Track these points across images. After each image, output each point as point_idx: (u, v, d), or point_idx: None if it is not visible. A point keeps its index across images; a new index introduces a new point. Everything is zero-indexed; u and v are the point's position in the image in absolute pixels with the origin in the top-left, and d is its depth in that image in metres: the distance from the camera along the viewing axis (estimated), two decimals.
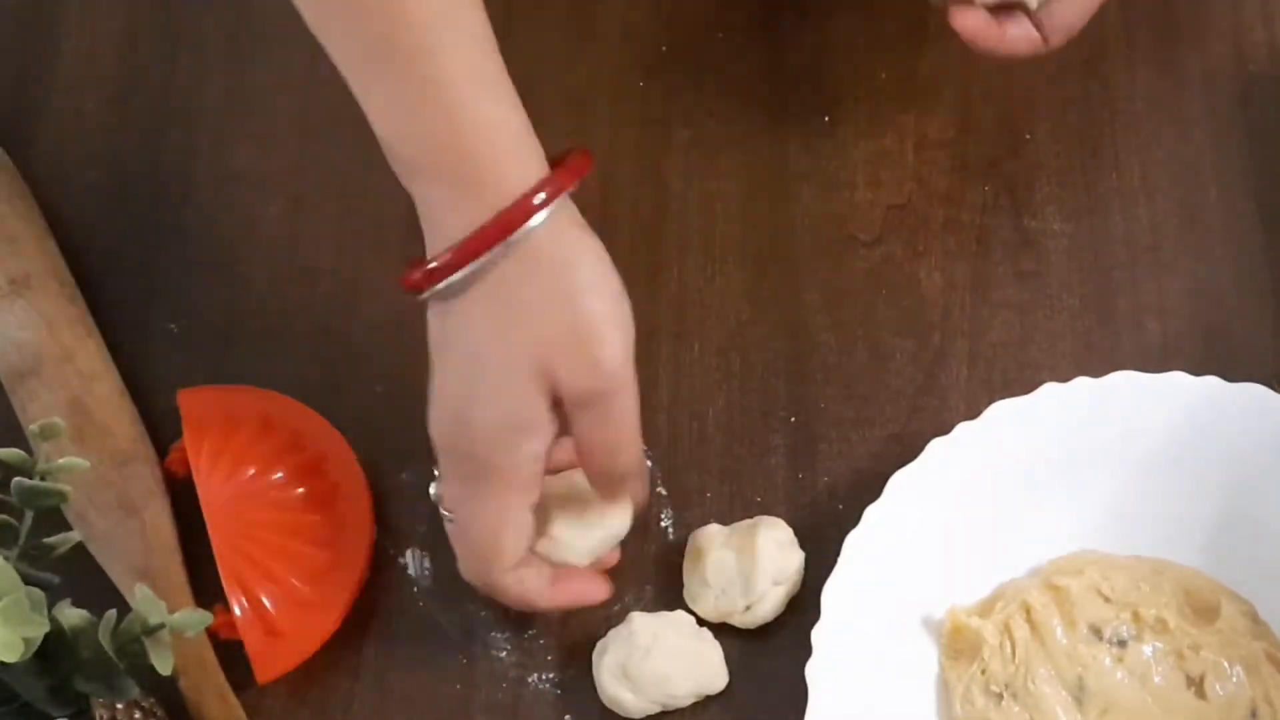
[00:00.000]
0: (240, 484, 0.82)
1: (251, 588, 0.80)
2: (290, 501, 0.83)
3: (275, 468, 0.83)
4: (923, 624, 0.80)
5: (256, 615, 0.80)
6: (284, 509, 0.82)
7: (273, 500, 0.82)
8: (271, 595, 0.80)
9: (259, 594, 0.80)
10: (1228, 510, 0.81)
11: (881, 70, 0.94)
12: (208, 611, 0.72)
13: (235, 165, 0.94)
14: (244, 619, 0.79)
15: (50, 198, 0.93)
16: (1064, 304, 0.88)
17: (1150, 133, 0.92)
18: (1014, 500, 0.81)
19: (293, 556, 0.81)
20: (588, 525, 0.78)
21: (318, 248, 0.92)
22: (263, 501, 0.82)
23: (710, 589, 0.81)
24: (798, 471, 0.85)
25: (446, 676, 0.82)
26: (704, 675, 0.80)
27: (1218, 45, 0.93)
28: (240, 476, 0.82)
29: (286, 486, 0.83)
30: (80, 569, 0.78)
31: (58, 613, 0.69)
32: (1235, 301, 0.87)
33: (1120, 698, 0.78)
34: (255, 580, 0.80)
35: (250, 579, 0.80)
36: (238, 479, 0.82)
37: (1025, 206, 0.90)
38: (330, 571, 0.82)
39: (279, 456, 0.83)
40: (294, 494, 0.83)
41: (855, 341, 0.88)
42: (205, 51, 0.98)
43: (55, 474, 0.72)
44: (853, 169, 0.92)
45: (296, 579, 0.81)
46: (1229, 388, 0.80)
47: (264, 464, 0.83)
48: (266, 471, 0.83)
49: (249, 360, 0.89)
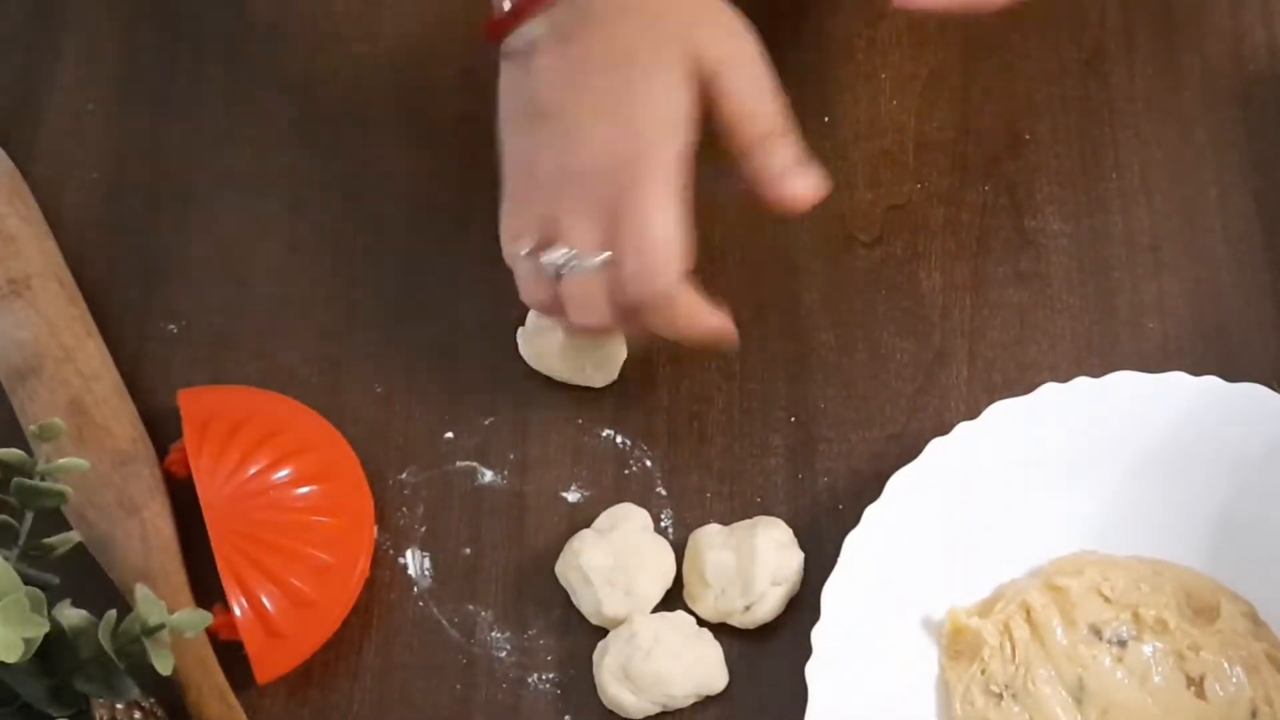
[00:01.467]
0: (240, 484, 0.82)
1: (251, 588, 0.80)
2: (291, 501, 0.82)
3: (276, 468, 0.83)
4: (923, 624, 0.80)
5: (257, 615, 0.79)
6: (284, 509, 0.82)
7: (273, 500, 0.82)
8: (272, 595, 0.80)
9: (259, 594, 0.80)
10: (1228, 510, 0.81)
11: (881, 70, 0.94)
12: (207, 611, 0.72)
13: (235, 165, 0.94)
14: (244, 619, 0.79)
15: (50, 198, 0.93)
16: (1064, 304, 0.88)
17: (1150, 133, 0.92)
18: (1014, 500, 0.81)
19: (293, 556, 0.81)
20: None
21: (318, 247, 0.92)
22: (263, 501, 0.82)
23: (710, 589, 0.81)
24: (798, 471, 0.85)
25: (446, 676, 0.82)
26: (704, 675, 0.80)
27: (1218, 45, 0.93)
28: (240, 476, 0.82)
29: (287, 487, 0.83)
30: (80, 569, 0.78)
31: (58, 613, 0.69)
32: (1235, 301, 0.87)
33: (1120, 698, 0.78)
34: (255, 580, 0.80)
35: (250, 579, 0.80)
36: (238, 479, 0.82)
37: (1025, 206, 0.90)
38: (331, 571, 0.82)
39: (279, 456, 0.83)
40: (294, 494, 0.83)
41: (855, 341, 0.88)
42: (205, 51, 0.98)
43: (55, 474, 0.72)
44: (853, 169, 0.92)
45: (297, 579, 0.81)
46: (1229, 388, 0.80)
47: (264, 464, 0.83)
48: (267, 471, 0.82)
49: (249, 360, 0.89)
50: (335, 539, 0.82)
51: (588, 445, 0.86)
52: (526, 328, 0.87)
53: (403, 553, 0.85)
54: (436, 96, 0.95)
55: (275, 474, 0.83)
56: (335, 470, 0.84)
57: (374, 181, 0.94)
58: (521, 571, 0.84)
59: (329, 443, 0.85)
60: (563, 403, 0.87)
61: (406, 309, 0.91)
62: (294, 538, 0.82)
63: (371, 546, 0.83)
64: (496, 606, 0.83)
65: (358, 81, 0.96)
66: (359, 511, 0.83)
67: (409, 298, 0.91)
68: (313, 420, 0.85)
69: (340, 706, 0.82)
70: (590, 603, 0.81)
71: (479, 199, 0.92)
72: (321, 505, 0.83)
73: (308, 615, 0.81)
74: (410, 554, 0.85)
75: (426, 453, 0.87)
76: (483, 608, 0.83)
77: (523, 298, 0.81)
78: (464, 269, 0.91)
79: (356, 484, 0.84)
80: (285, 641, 0.80)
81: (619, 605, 0.81)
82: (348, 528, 0.83)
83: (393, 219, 0.93)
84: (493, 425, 0.87)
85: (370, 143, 0.95)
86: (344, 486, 0.84)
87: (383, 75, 0.96)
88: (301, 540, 0.82)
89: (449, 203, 0.93)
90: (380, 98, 0.96)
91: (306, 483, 0.83)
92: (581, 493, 0.85)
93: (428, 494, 0.86)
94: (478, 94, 0.95)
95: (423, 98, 0.95)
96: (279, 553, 0.81)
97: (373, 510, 0.84)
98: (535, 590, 0.83)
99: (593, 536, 0.82)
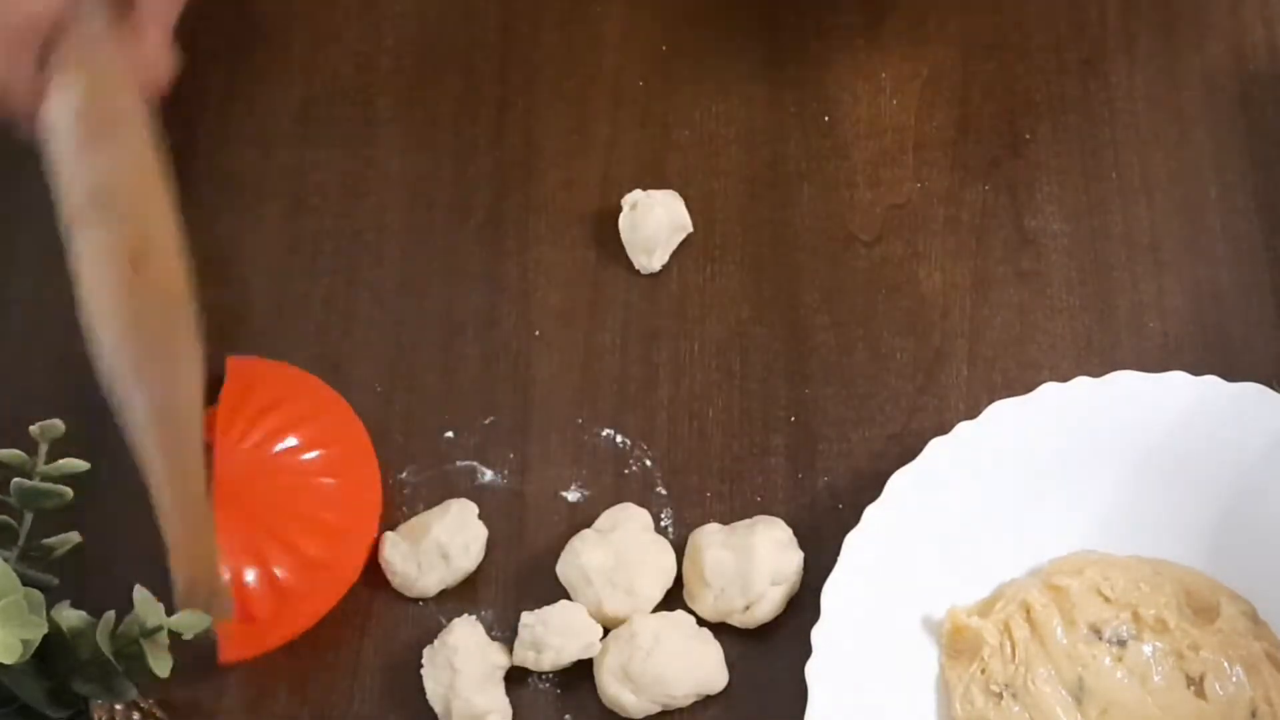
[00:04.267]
0: (255, 450, 0.83)
1: (263, 552, 0.81)
2: (299, 467, 0.83)
3: (284, 438, 0.84)
4: (923, 624, 0.80)
5: (266, 579, 0.81)
6: (294, 473, 0.83)
7: (283, 465, 0.83)
8: (282, 562, 0.81)
9: (269, 558, 0.81)
10: (1227, 510, 0.81)
11: (881, 70, 0.94)
12: (206, 614, 0.72)
13: (235, 165, 0.94)
14: (257, 586, 0.80)
15: (50, 197, 0.93)
16: (1064, 304, 0.88)
17: (1150, 133, 0.91)
18: (1014, 500, 0.81)
19: (302, 519, 0.82)
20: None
21: (317, 248, 0.92)
22: (272, 467, 0.83)
23: (709, 589, 0.81)
24: (797, 471, 0.85)
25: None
26: (704, 675, 0.80)
27: (1218, 45, 0.93)
28: (265, 446, 0.83)
29: (297, 453, 0.84)
30: (80, 570, 0.78)
31: (56, 614, 0.69)
32: (1235, 301, 0.87)
33: (1120, 698, 0.78)
34: (267, 546, 0.81)
35: (263, 544, 0.81)
36: (253, 445, 0.83)
37: (1025, 206, 0.90)
38: (340, 532, 0.83)
39: (300, 438, 0.84)
40: (301, 459, 0.84)
41: (855, 341, 0.88)
42: (205, 51, 0.97)
43: (55, 474, 0.72)
44: (853, 169, 0.92)
45: (307, 544, 0.82)
46: (1229, 388, 0.80)
47: (283, 433, 0.84)
48: (283, 439, 0.84)
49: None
50: (341, 501, 0.83)
51: (588, 445, 0.86)
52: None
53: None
54: (436, 96, 0.95)
55: (284, 444, 0.84)
56: (348, 459, 0.85)
57: (374, 181, 0.94)
58: (522, 571, 0.84)
59: (349, 435, 0.85)
60: (563, 402, 0.87)
61: (406, 309, 0.91)
62: (302, 501, 0.83)
63: (380, 508, 0.84)
64: (497, 606, 0.83)
65: (358, 81, 0.96)
66: (367, 475, 0.85)
67: (409, 298, 0.91)
68: (338, 407, 0.86)
69: (340, 705, 0.82)
70: (591, 602, 0.81)
71: (478, 197, 0.93)
72: (328, 471, 0.84)
73: (317, 577, 0.82)
74: None
75: (427, 452, 0.87)
76: (483, 607, 0.83)
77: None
78: (464, 269, 0.91)
79: (365, 457, 0.85)
80: (292, 606, 0.81)
81: (619, 605, 0.81)
82: (352, 488, 0.84)
83: (393, 219, 0.93)
84: (493, 425, 0.87)
85: (370, 142, 0.95)
86: (351, 455, 0.85)
87: (383, 74, 0.96)
88: (310, 505, 0.83)
89: (449, 202, 0.93)
90: (380, 97, 0.96)
91: (314, 448, 0.84)
92: (581, 492, 0.85)
93: (428, 493, 0.86)
94: (478, 93, 0.95)
95: (423, 97, 0.96)
96: (287, 515, 0.82)
97: (380, 506, 0.85)
98: (536, 590, 0.83)
99: (593, 536, 0.82)
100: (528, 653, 0.80)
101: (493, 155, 0.94)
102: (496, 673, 0.80)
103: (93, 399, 0.89)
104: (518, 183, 0.93)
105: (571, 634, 0.80)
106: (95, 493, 0.78)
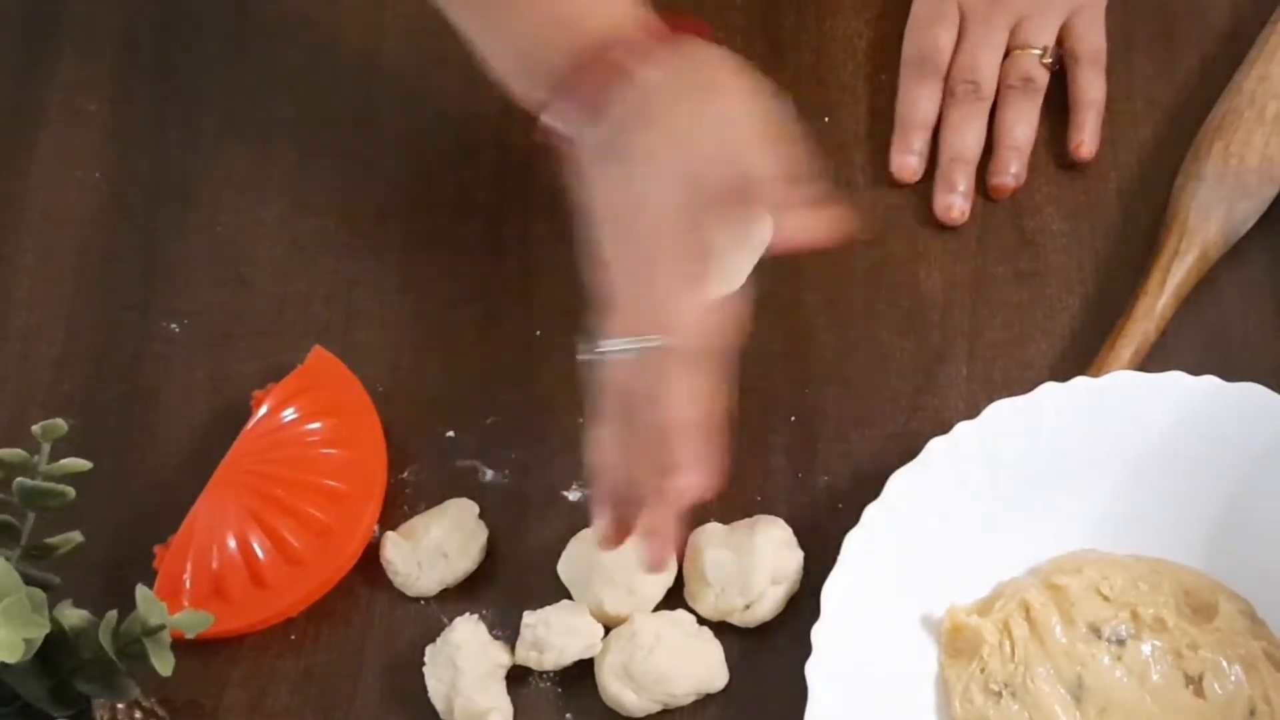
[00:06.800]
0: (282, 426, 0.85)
1: (270, 522, 0.82)
2: (303, 438, 0.86)
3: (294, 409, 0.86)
4: (922, 623, 0.80)
5: (276, 547, 0.82)
6: (297, 445, 0.85)
7: (292, 438, 0.85)
8: (291, 528, 0.83)
9: (278, 527, 0.83)
10: (1227, 510, 0.81)
11: (881, 70, 0.94)
12: (209, 614, 0.72)
13: (235, 166, 0.94)
14: (267, 558, 0.82)
15: (50, 198, 0.94)
16: (1064, 304, 0.88)
17: (1150, 132, 0.92)
18: (1014, 500, 0.81)
19: (307, 488, 0.84)
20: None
21: (317, 248, 0.92)
22: (285, 438, 0.85)
23: (710, 588, 0.81)
24: (798, 471, 0.85)
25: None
26: (704, 674, 0.80)
27: (1218, 45, 0.93)
28: (290, 423, 0.86)
29: (303, 432, 0.86)
30: (81, 569, 0.78)
31: (58, 613, 0.69)
32: (1235, 301, 0.87)
33: (1119, 696, 0.78)
34: (274, 514, 0.83)
35: (274, 513, 0.83)
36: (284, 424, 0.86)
37: (1025, 206, 0.90)
38: (344, 498, 0.84)
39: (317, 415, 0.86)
40: (304, 429, 0.86)
41: (855, 341, 0.88)
42: (205, 51, 0.98)
43: (57, 474, 0.72)
44: (853, 169, 0.92)
45: (314, 509, 0.83)
46: (1228, 388, 0.80)
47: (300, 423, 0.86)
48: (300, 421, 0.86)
49: (249, 360, 0.89)
50: (346, 470, 0.85)
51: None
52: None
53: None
54: (437, 96, 0.95)
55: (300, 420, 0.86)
56: (353, 430, 0.86)
57: (374, 181, 0.94)
58: (523, 570, 0.84)
59: (361, 409, 0.87)
60: (564, 402, 0.87)
61: (406, 308, 0.91)
62: (306, 471, 0.84)
63: (386, 479, 0.85)
64: (498, 605, 0.83)
65: (358, 81, 0.96)
66: (370, 456, 0.86)
67: (409, 297, 0.91)
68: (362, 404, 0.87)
69: (341, 705, 0.82)
70: (592, 601, 0.81)
71: (479, 197, 0.93)
72: (332, 441, 0.86)
73: (326, 544, 0.83)
74: None
75: (428, 452, 0.87)
76: (484, 606, 0.83)
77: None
78: (464, 268, 0.91)
79: (373, 438, 0.86)
80: (307, 570, 0.82)
81: (620, 604, 0.81)
82: (356, 460, 0.85)
83: (393, 219, 0.93)
84: (494, 424, 0.87)
85: (370, 142, 0.95)
86: (356, 426, 0.86)
87: (383, 74, 0.96)
88: (313, 473, 0.84)
89: (449, 202, 0.93)
90: (380, 97, 0.96)
91: (317, 419, 0.86)
92: (582, 492, 0.85)
93: (429, 493, 0.86)
94: (478, 93, 0.95)
95: (423, 97, 0.96)
96: (293, 485, 0.84)
97: (385, 472, 0.86)
98: (537, 589, 0.83)
99: (594, 536, 0.82)
100: (530, 653, 0.80)
101: (493, 155, 0.94)
102: (498, 671, 0.80)
103: (93, 399, 0.89)
104: (518, 182, 0.93)
105: (573, 634, 0.80)
106: (96, 492, 0.78)
